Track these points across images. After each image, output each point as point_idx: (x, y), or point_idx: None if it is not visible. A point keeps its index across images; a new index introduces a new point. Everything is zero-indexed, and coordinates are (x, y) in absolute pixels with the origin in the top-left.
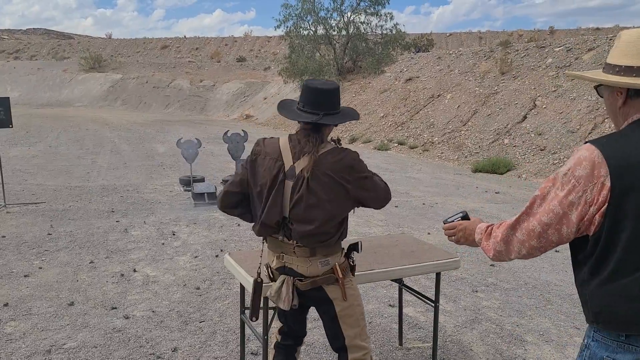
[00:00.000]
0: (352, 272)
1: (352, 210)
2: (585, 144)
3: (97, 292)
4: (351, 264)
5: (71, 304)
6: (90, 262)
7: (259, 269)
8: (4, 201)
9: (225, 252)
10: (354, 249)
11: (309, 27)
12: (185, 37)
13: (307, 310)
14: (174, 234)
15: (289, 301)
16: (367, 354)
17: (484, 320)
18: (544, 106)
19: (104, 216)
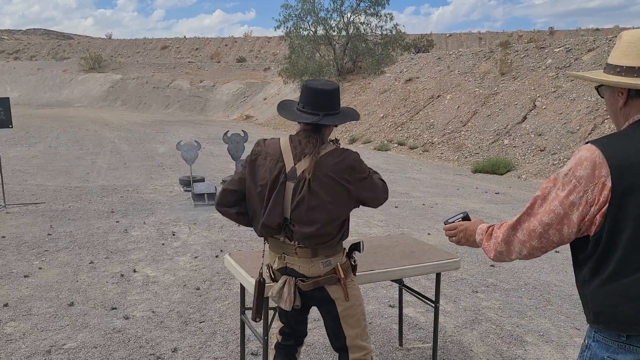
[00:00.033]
0: (353, 272)
1: (352, 210)
2: (586, 144)
3: (97, 292)
4: (353, 263)
5: (71, 305)
6: (90, 263)
7: (261, 269)
8: (4, 201)
9: (225, 252)
10: (355, 248)
11: (308, 28)
12: (185, 37)
13: (308, 310)
14: (174, 235)
15: (291, 302)
16: (368, 354)
17: (484, 320)
18: (544, 107)
19: (104, 216)
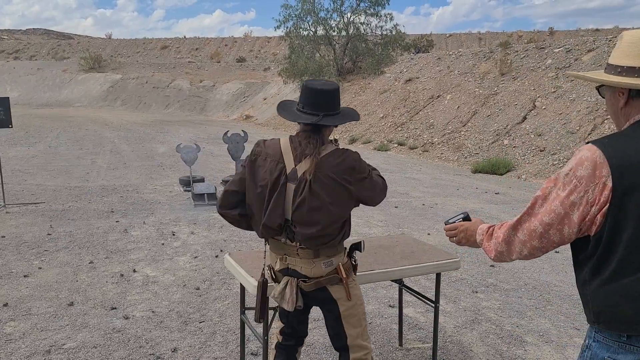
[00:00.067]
0: (354, 272)
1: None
2: (586, 144)
3: (97, 292)
4: (353, 263)
5: (71, 304)
6: (89, 263)
7: (264, 270)
8: (4, 201)
9: (225, 252)
10: (356, 248)
11: (308, 28)
12: (185, 37)
13: (309, 310)
14: (173, 235)
15: (293, 302)
16: (369, 354)
17: (484, 320)
18: (544, 107)
19: (104, 216)
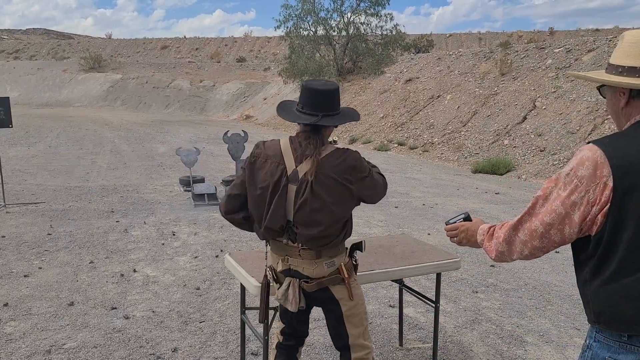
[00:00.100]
0: (355, 271)
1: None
2: (587, 144)
3: (97, 292)
4: (354, 263)
5: (71, 304)
6: (90, 262)
7: (266, 271)
8: (4, 201)
9: (225, 252)
10: (357, 248)
11: (309, 28)
12: (185, 37)
13: (310, 310)
14: (174, 234)
15: (297, 303)
16: (370, 354)
17: (484, 320)
18: (544, 107)
19: (104, 216)
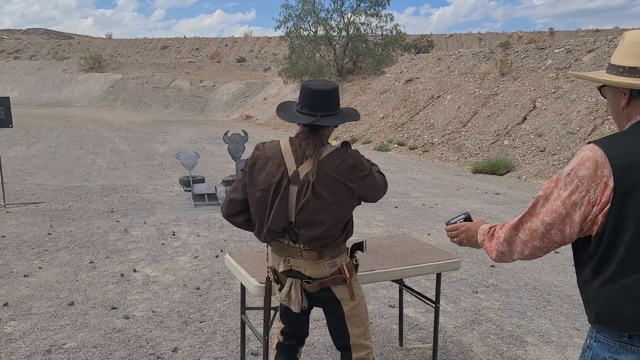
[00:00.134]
0: (355, 271)
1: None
2: (588, 144)
3: (97, 292)
4: (355, 263)
5: (71, 304)
6: (90, 262)
7: (268, 272)
8: (4, 201)
9: (225, 252)
10: (358, 248)
11: (309, 28)
12: (185, 37)
13: (310, 310)
14: (174, 234)
15: (299, 304)
16: (370, 353)
17: (484, 321)
18: (544, 107)
19: (104, 216)
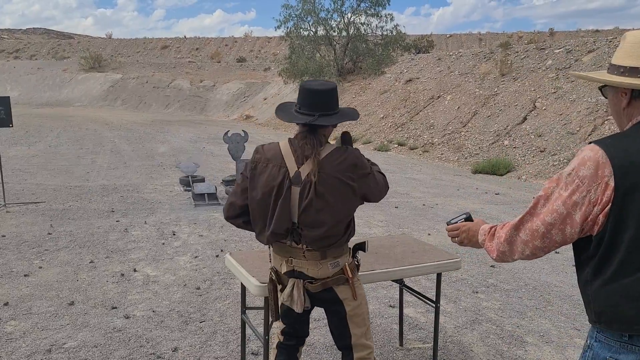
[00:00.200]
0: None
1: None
2: (589, 144)
3: (97, 291)
4: (356, 263)
5: (71, 304)
6: (90, 262)
7: (271, 273)
8: (4, 201)
9: (225, 252)
10: (360, 248)
11: (309, 28)
12: (185, 37)
13: (311, 310)
14: (174, 234)
15: (302, 304)
16: (371, 353)
17: (484, 321)
18: (544, 108)
19: (104, 216)
